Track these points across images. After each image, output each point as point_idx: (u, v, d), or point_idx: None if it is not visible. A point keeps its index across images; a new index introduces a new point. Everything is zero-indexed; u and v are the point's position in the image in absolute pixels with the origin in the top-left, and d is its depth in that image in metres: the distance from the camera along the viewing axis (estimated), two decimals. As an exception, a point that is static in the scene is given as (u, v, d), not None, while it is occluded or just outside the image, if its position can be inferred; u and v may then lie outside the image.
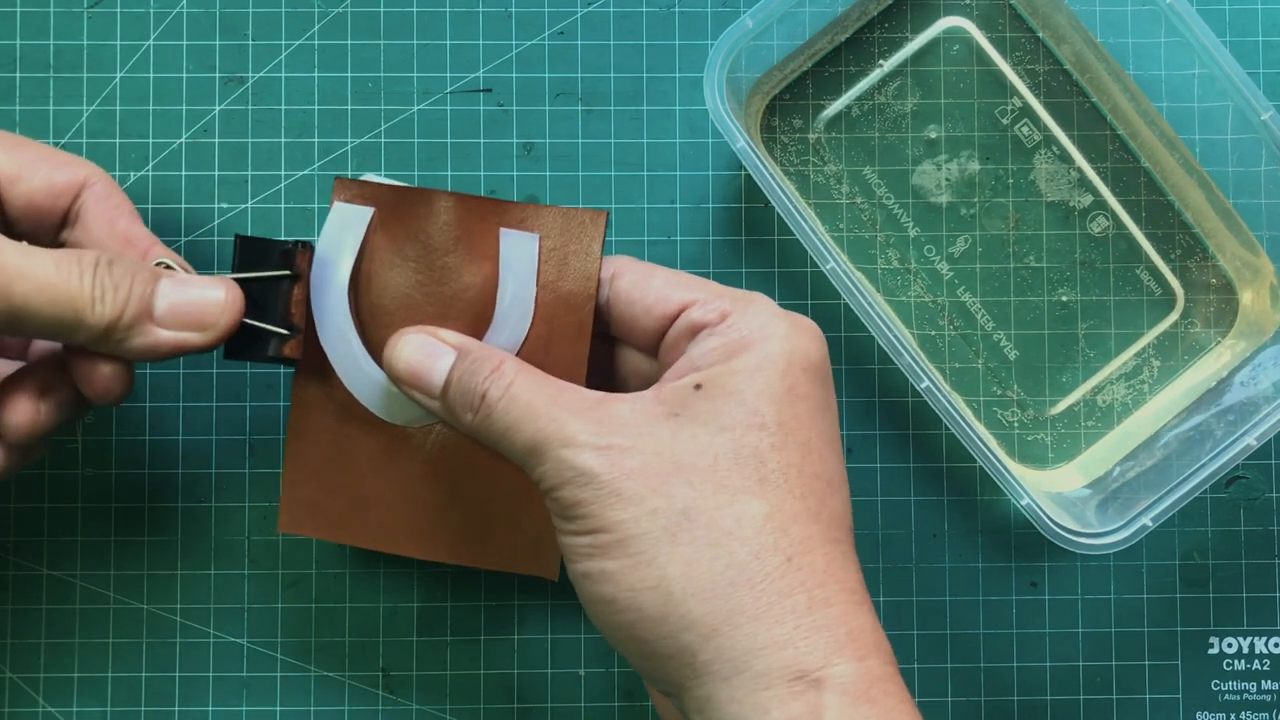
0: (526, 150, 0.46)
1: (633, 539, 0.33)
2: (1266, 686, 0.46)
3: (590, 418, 0.35)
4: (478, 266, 0.40)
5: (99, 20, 0.46)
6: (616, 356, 0.41)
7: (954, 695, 0.46)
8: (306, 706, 0.45)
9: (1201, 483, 0.41)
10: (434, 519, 0.41)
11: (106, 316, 0.35)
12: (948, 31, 0.46)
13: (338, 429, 0.40)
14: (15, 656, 0.45)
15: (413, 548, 0.41)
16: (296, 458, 0.41)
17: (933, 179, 0.46)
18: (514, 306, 0.39)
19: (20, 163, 0.39)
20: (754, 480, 0.34)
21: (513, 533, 0.41)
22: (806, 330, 0.37)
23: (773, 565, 0.33)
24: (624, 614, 0.34)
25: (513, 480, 0.40)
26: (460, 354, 0.37)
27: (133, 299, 0.36)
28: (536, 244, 0.39)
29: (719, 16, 0.46)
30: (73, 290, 0.35)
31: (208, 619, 0.46)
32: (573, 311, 0.39)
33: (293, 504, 0.41)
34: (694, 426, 0.34)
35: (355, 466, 0.41)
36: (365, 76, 0.46)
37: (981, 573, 0.46)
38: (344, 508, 0.41)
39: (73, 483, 0.46)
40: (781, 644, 0.33)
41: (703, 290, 0.37)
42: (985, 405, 0.46)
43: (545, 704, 0.46)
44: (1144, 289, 0.46)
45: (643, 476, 0.34)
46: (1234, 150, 0.45)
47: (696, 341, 0.36)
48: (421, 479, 0.40)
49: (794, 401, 0.35)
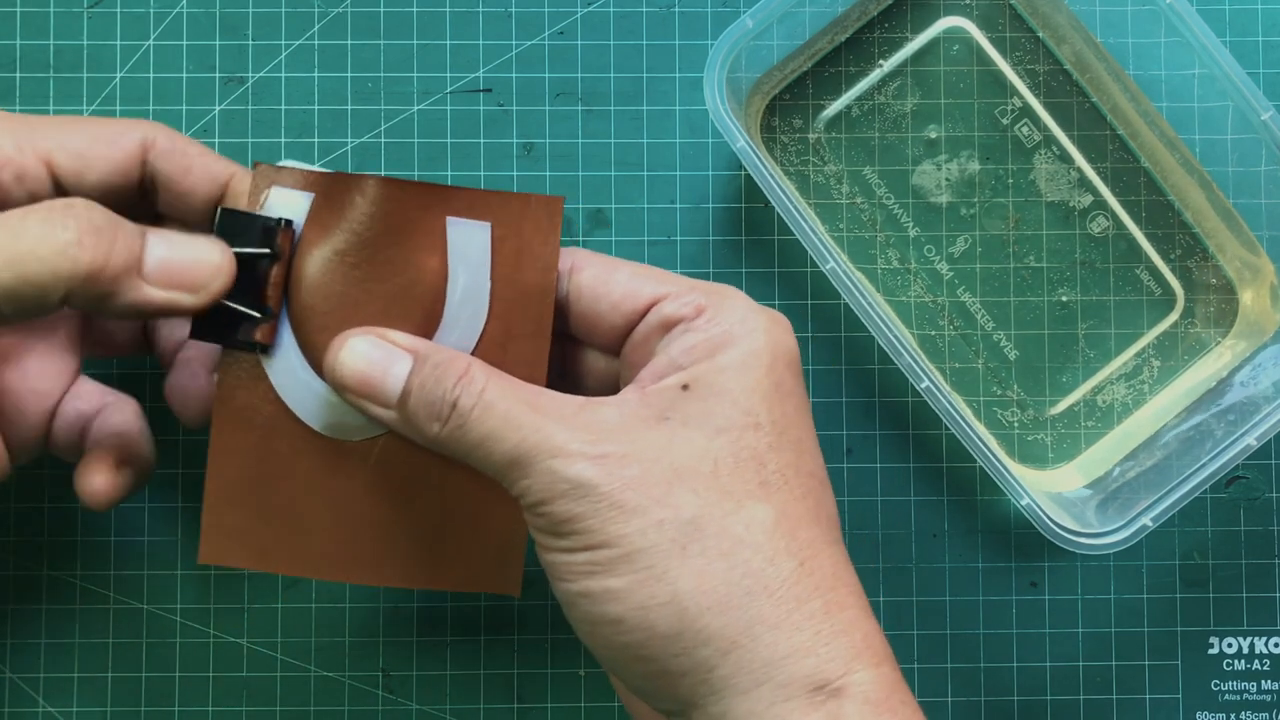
0: (526, 150, 0.46)
1: (639, 553, 0.32)
2: (1266, 686, 0.46)
3: (577, 424, 0.33)
4: (423, 259, 0.36)
5: (99, 20, 0.46)
6: (571, 355, 0.38)
7: (954, 695, 0.46)
8: (306, 706, 0.45)
9: (1201, 483, 0.41)
10: (381, 540, 0.37)
11: (84, 265, 0.32)
12: (948, 31, 0.46)
13: (265, 445, 0.37)
14: (15, 656, 0.45)
15: (358, 573, 0.37)
16: (219, 479, 0.37)
17: (933, 179, 0.46)
18: (466, 302, 0.36)
19: (78, 152, 0.36)
20: (756, 483, 0.33)
21: (470, 549, 0.37)
22: (782, 324, 0.35)
23: (787, 571, 0.32)
24: (632, 633, 0.32)
25: (467, 492, 0.37)
26: (417, 358, 0.34)
27: (115, 250, 0.33)
28: (488, 233, 0.36)
29: (719, 16, 0.46)
30: (51, 241, 0.32)
31: (208, 619, 0.46)
32: (530, 306, 0.36)
33: (215, 531, 0.37)
34: (688, 430, 0.33)
35: (287, 487, 0.37)
36: (365, 76, 0.46)
37: (981, 573, 0.46)
38: (276, 533, 0.37)
39: (73, 483, 0.46)
40: (803, 652, 0.31)
41: (672, 284, 0.35)
42: (985, 405, 0.46)
43: (545, 704, 0.46)
44: (1144, 289, 0.46)
45: (643, 485, 0.32)
46: (1234, 150, 0.45)
47: (673, 338, 0.35)
48: (365, 497, 0.37)
49: (782, 399, 0.34)
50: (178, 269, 0.34)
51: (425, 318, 0.36)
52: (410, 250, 0.36)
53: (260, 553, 0.37)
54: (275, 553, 0.37)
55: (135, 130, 0.36)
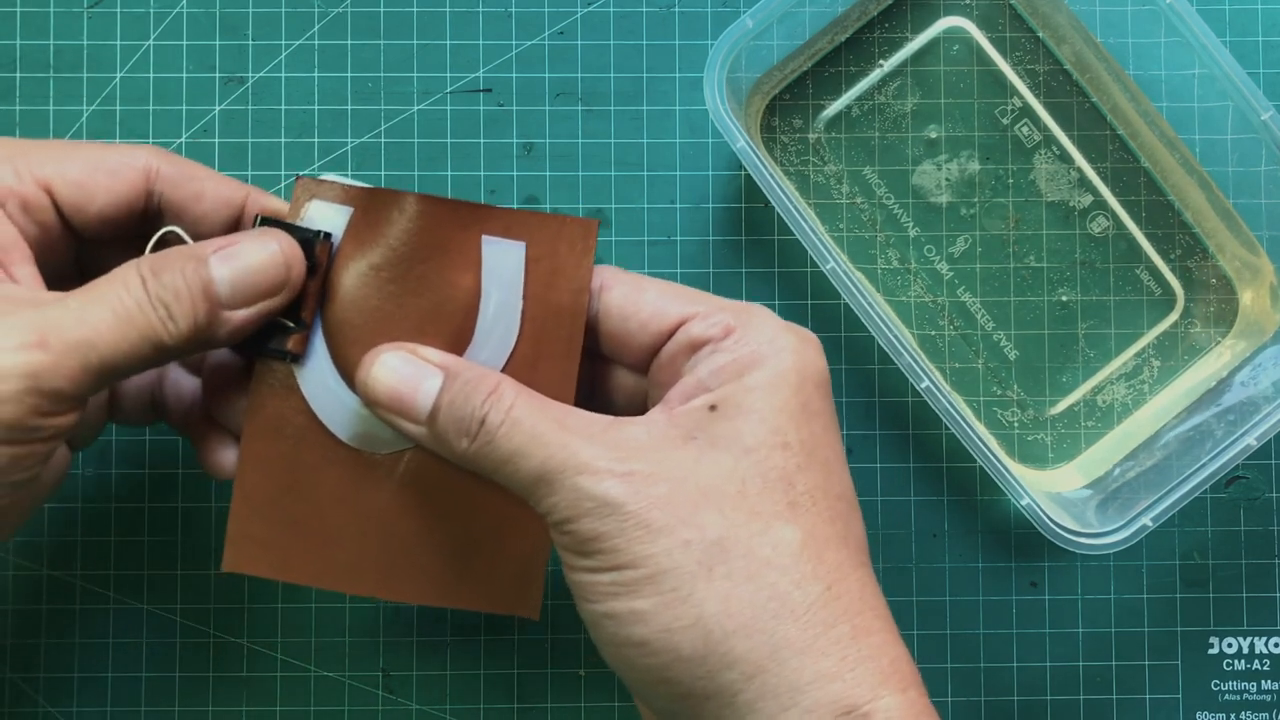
0: (526, 150, 0.46)
1: (665, 574, 0.31)
2: (1266, 686, 0.46)
3: (605, 442, 0.32)
4: (457, 277, 0.36)
5: (99, 20, 0.46)
6: (600, 373, 0.38)
7: (954, 695, 0.46)
8: (306, 706, 0.45)
9: (1201, 483, 0.41)
10: (403, 555, 0.37)
11: (184, 333, 0.33)
12: (948, 31, 0.46)
13: (294, 456, 0.37)
14: (15, 656, 0.45)
15: (379, 588, 0.37)
16: (247, 489, 0.37)
17: (933, 179, 0.46)
18: (498, 320, 0.36)
19: (79, 182, 0.35)
20: (784, 504, 0.32)
21: (492, 568, 0.37)
22: (812, 343, 0.35)
23: (814, 594, 0.32)
24: (657, 656, 0.31)
25: (492, 511, 0.37)
26: (448, 375, 0.34)
27: (197, 303, 0.33)
28: (522, 253, 0.36)
29: (719, 16, 0.46)
30: (139, 325, 0.32)
31: (208, 619, 0.46)
32: (561, 326, 0.36)
33: (241, 539, 0.37)
34: (716, 450, 0.33)
35: (314, 498, 0.37)
36: (365, 76, 0.46)
37: (981, 573, 0.46)
38: (301, 545, 0.37)
39: (73, 483, 0.46)
40: (830, 677, 0.31)
41: (701, 303, 0.35)
42: (985, 405, 0.46)
43: (545, 704, 0.46)
44: (1144, 289, 0.46)
45: (670, 505, 0.32)
46: (1234, 150, 0.45)
47: (701, 358, 0.34)
48: (390, 511, 0.37)
49: (810, 418, 0.34)
50: (248, 283, 0.34)
51: (457, 335, 0.36)
52: (445, 267, 0.36)
53: (283, 563, 0.37)
54: (298, 563, 0.37)
55: (138, 159, 0.36)
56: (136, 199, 0.36)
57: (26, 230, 0.35)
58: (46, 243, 0.35)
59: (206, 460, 0.38)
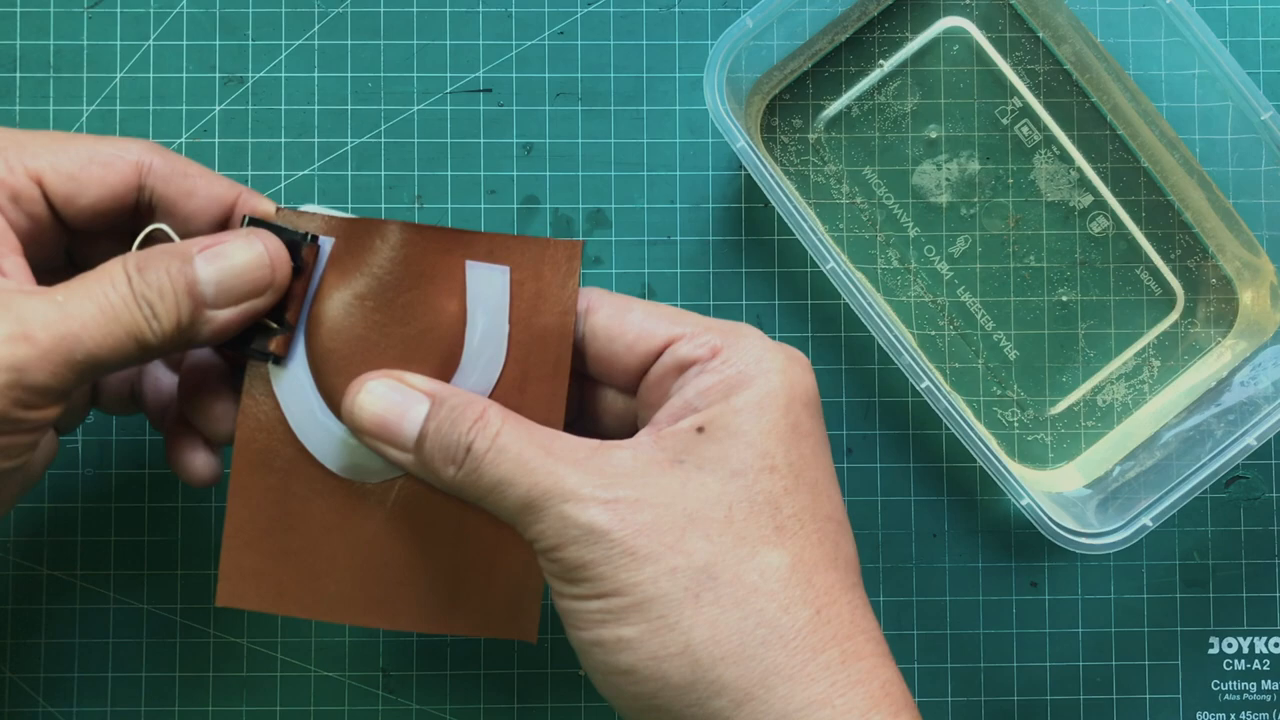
0: (526, 150, 0.46)
1: (651, 602, 0.31)
2: (1266, 686, 0.46)
3: (590, 468, 0.32)
4: (442, 303, 0.36)
5: (99, 20, 0.46)
6: (589, 394, 0.38)
7: (954, 695, 0.46)
8: (306, 706, 0.45)
9: (1201, 483, 0.41)
10: (396, 584, 0.37)
11: (167, 332, 0.33)
12: (948, 31, 0.46)
13: (284, 488, 0.37)
14: (15, 656, 0.45)
15: (373, 617, 0.37)
16: (238, 521, 0.37)
17: (933, 179, 0.46)
18: (485, 345, 0.36)
19: (70, 174, 0.35)
20: (771, 528, 0.32)
21: (486, 594, 0.37)
22: (800, 363, 0.35)
23: (803, 620, 0.31)
24: (644, 684, 0.31)
25: (485, 536, 0.37)
26: (434, 401, 0.34)
27: (181, 302, 0.33)
28: (507, 277, 0.36)
29: (719, 16, 0.46)
30: (124, 322, 0.32)
31: (208, 619, 0.46)
32: (548, 348, 0.36)
33: (233, 573, 0.37)
34: (702, 474, 0.32)
35: (305, 529, 0.37)
36: (365, 76, 0.46)
37: (981, 573, 0.46)
38: (293, 576, 0.37)
39: (73, 483, 0.46)
40: (820, 703, 0.31)
41: (687, 324, 0.35)
42: (985, 405, 0.46)
43: (545, 704, 0.46)
44: (1144, 289, 0.46)
45: (656, 532, 0.31)
46: (1234, 150, 0.45)
47: (688, 380, 0.34)
48: (381, 540, 0.37)
49: (799, 440, 0.33)
50: (234, 284, 0.34)
51: (444, 361, 0.36)
52: (429, 294, 0.36)
53: (277, 595, 0.37)
54: (292, 595, 0.37)
55: (130, 153, 0.36)
56: (128, 193, 0.36)
57: (16, 222, 0.35)
58: (36, 235, 0.35)
59: (175, 460, 0.38)
